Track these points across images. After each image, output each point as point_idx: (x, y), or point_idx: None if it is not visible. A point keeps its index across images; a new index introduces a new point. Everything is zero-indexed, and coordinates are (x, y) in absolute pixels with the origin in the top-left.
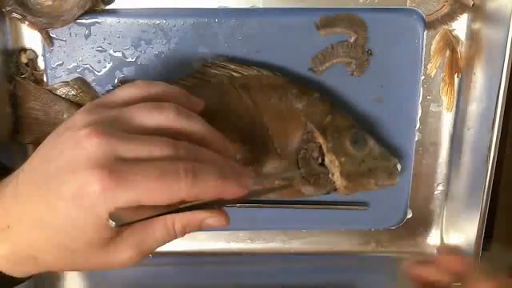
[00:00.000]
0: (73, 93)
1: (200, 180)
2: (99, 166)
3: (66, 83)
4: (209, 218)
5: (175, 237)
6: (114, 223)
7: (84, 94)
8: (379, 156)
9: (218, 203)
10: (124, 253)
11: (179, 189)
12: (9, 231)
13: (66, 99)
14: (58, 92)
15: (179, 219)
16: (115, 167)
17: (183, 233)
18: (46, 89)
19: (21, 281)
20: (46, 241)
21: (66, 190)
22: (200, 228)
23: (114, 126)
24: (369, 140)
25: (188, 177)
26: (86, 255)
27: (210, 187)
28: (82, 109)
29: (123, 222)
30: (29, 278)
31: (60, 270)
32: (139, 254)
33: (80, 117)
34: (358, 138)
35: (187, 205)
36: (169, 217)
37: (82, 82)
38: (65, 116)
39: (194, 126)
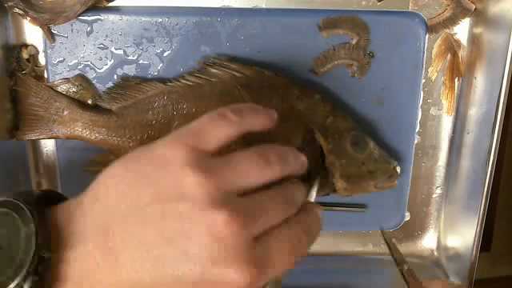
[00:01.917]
0: (73, 90)
1: (314, 236)
2: (244, 262)
3: (67, 80)
4: None
5: None
6: None
7: (85, 90)
8: (379, 158)
9: None
10: None
11: (304, 251)
12: None
13: (66, 96)
14: (59, 88)
15: None
16: (256, 257)
17: None
18: (46, 85)
19: None
20: None
21: (201, 282)
22: None
23: (233, 196)
24: (369, 142)
25: (308, 239)
26: None
27: (317, 236)
28: (182, 157)
29: None
30: None
31: None
32: None
33: (192, 180)
34: (359, 140)
35: None
36: None
37: (82, 79)
38: (65, 113)
39: (294, 166)
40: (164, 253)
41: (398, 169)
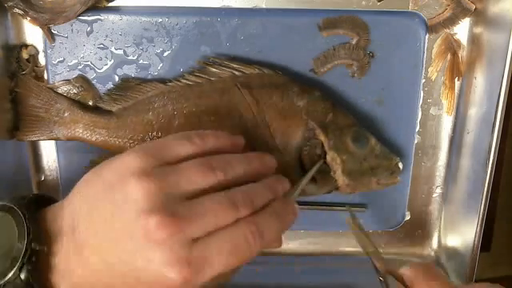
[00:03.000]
0: (74, 91)
1: (266, 237)
2: (178, 262)
3: (68, 81)
4: None
5: None
6: None
7: (85, 92)
8: (381, 154)
9: None
10: None
11: (251, 253)
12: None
13: (67, 97)
14: (60, 90)
15: None
16: (192, 256)
17: None
18: (47, 87)
19: None
20: None
21: (144, 280)
22: None
23: (175, 200)
24: (371, 138)
25: (256, 240)
26: None
27: (274, 238)
28: (136, 165)
29: None
30: None
31: None
32: None
33: (138, 186)
34: (360, 136)
35: None
36: None
37: (83, 81)
38: (66, 114)
39: (239, 172)
40: (112, 250)
41: (400, 165)
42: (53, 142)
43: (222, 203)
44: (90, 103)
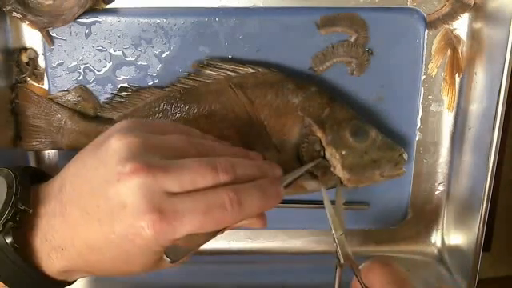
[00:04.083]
0: (74, 101)
1: (245, 206)
2: (149, 210)
3: (67, 92)
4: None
5: None
6: (169, 260)
7: (85, 102)
8: (383, 146)
9: None
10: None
11: (226, 219)
12: (63, 253)
13: (68, 108)
14: (59, 100)
15: None
16: (164, 207)
17: None
18: (47, 98)
19: (72, 283)
20: (102, 263)
21: (118, 228)
22: None
23: (154, 155)
24: (371, 131)
25: (234, 207)
26: (139, 269)
27: (253, 211)
28: (122, 125)
29: (178, 257)
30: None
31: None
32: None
33: (122, 138)
34: (359, 129)
35: None
36: None
37: (82, 91)
38: (67, 124)
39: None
40: (92, 199)
41: (405, 155)
42: None
43: (201, 164)
44: (91, 113)
